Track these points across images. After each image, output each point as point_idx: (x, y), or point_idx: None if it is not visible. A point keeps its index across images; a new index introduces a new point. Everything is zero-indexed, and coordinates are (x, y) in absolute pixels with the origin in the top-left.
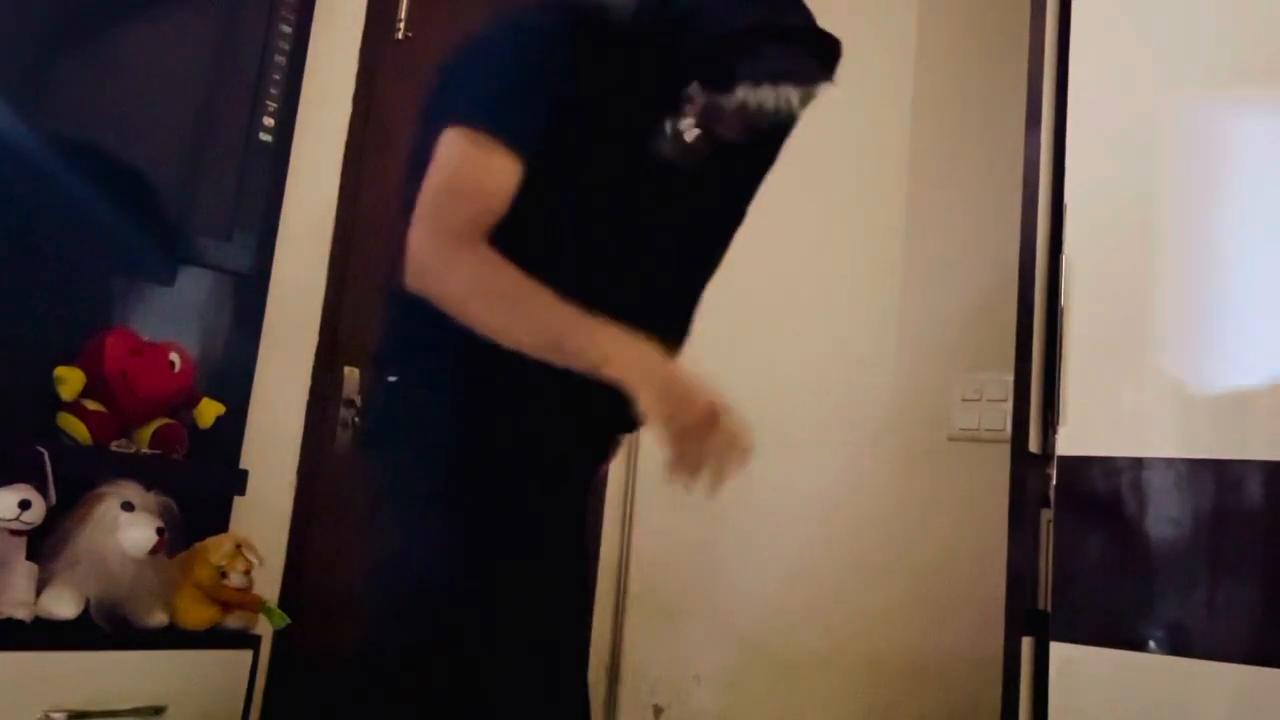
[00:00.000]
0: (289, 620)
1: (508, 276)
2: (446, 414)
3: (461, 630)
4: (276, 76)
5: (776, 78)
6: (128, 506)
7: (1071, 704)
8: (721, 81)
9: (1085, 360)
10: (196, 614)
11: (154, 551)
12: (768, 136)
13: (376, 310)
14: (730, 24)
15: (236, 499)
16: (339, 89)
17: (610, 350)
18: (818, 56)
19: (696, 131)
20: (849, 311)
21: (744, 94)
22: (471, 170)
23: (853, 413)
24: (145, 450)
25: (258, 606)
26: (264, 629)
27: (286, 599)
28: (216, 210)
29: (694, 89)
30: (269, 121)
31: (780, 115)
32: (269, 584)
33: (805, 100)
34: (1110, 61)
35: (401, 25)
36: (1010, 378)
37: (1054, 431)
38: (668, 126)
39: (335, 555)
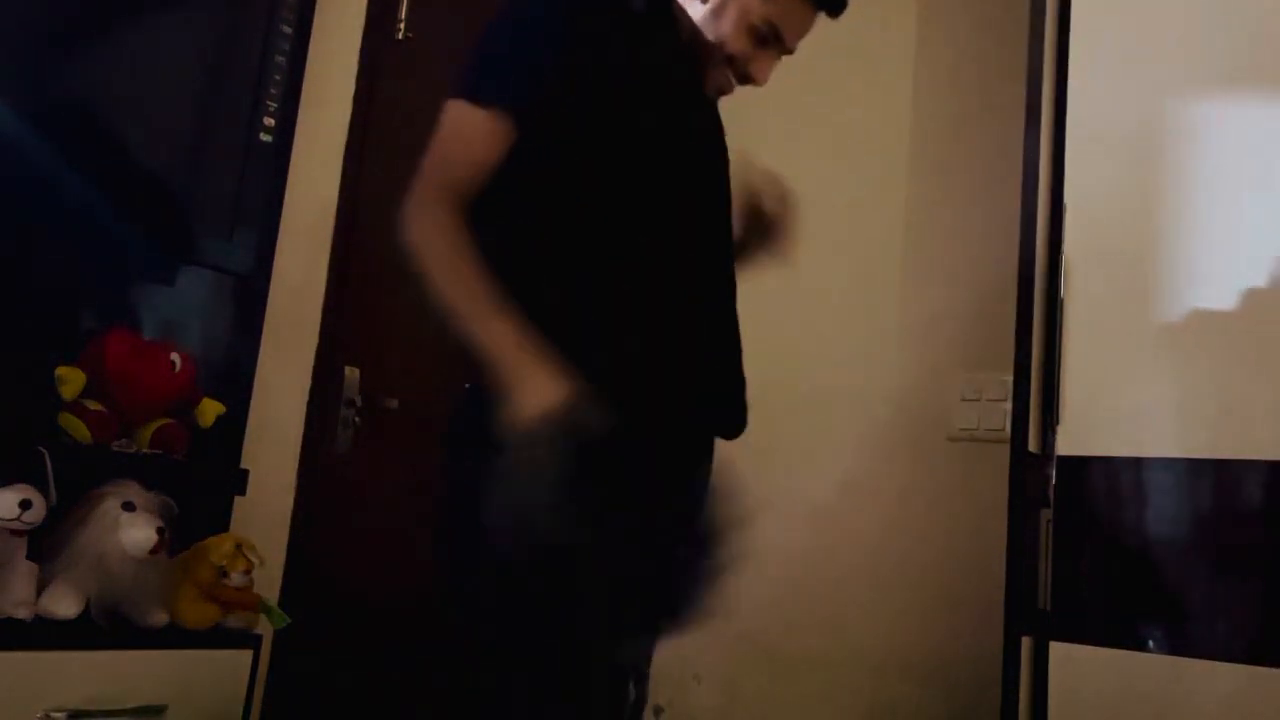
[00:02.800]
0: (289, 620)
1: (452, 250)
2: None
3: (546, 626)
4: (276, 76)
5: None
6: (128, 506)
7: (1071, 704)
8: None
9: (1085, 360)
10: (196, 614)
11: (154, 551)
12: None
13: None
14: None
15: (236, 499)
16: (339, 89)
17: (510, 375)
18: None
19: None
20: (849, 311)
21: None
22: (453, 137)
23: (853, 413)
24: (145, 450)
25: (258, 606)
26: (264, 629)
27: (286, 599)
28: (216, 210)
29: None
30: (269, 121)
31: None
32: (269, 584)
33: None
34: (1110, 61)
35: (401, 25)
36: (1010, 378)
37: (1054, 431)
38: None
39: (335, 555)
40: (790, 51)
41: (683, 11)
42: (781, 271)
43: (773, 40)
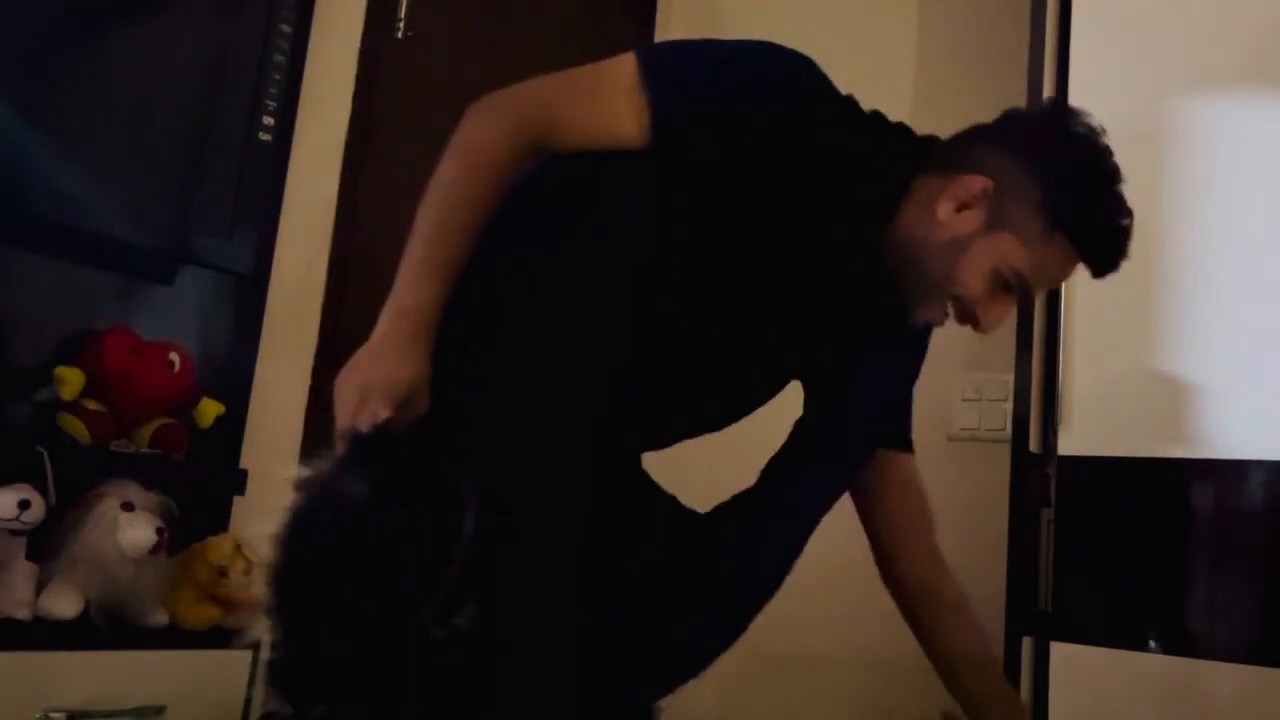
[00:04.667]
0: None
1: (472, 173)
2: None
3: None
4: (276, 76)
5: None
6: (128, 506)
7: (1071, 704)
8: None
9: (1086, 360)
10: (196, 614)
11: (154, 551)
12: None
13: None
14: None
15: (236, 499)
16: (339, 89)
17: (387, 314)
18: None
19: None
20: None
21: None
22: (596, 78)
23: None
24: (145, 450)
25: (258, 606)
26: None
27: None
28: (216, 210)
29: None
30: (269, 121)
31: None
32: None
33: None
34: (1110, 62)
35: (401, 25)
36: (1010, 378)
37: (1054, 431)
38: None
39: None
40: (1026, 298)
41: (915, 221)
42: None
43: (1015, 289)
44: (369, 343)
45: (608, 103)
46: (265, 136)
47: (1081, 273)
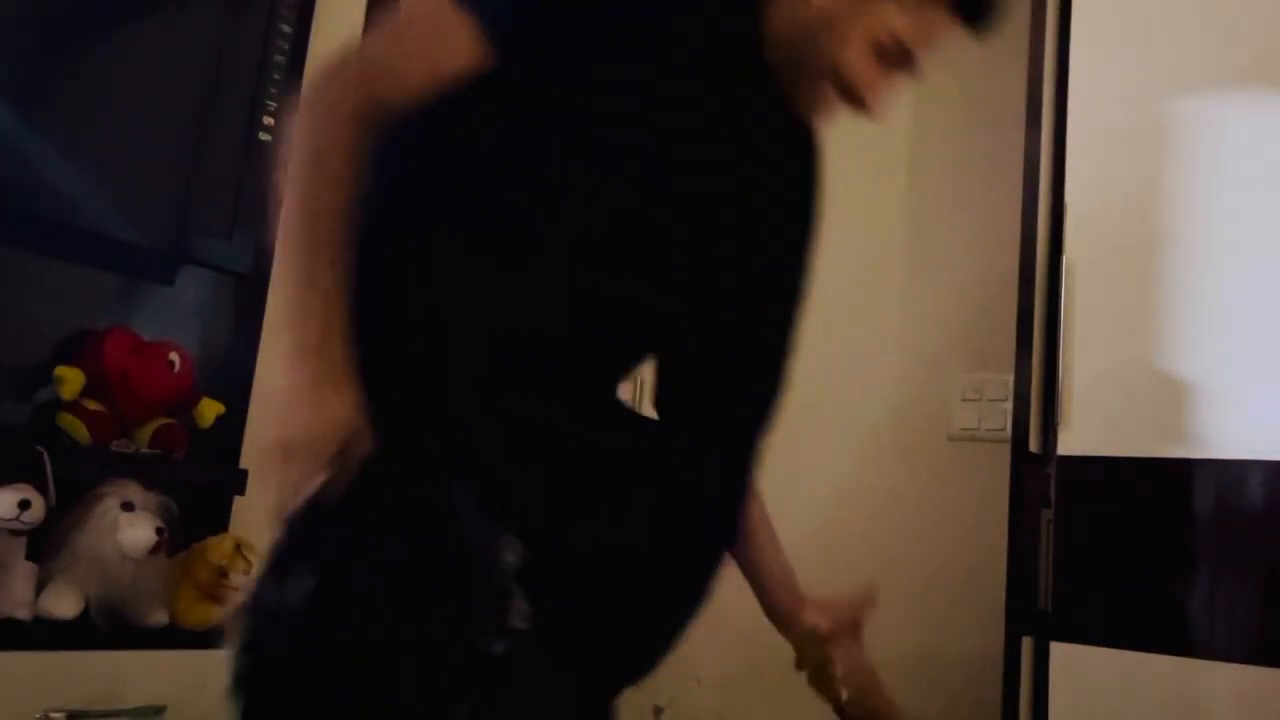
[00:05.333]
0: None
1: (324, 190)
2: None
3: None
4: (276, 76)
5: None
6: (127, 506)
7: (1071, 704)
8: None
9: (1086, 360)
10: (196, 614)
11: (154, 551)
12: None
13: None
14: None
15: (236, 499)
16: None
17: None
18: None
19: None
20: (849, 311)
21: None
22: (409, 27)
23: (853, 413)
24: (145, 450)
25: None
26: None
27: None
28: (216, 210)
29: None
30: (269, 121)
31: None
32: None
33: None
34: (1110, 61)
35: None
36: (1010, 378)
37: (1054, 431)
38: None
39: None
40: (916, 73)
41: (779, 11)
42: None
43: (900, 60)
44: (276, 394)
45: (432, 38)
46: (265, 136)
47: (1081, 272)
